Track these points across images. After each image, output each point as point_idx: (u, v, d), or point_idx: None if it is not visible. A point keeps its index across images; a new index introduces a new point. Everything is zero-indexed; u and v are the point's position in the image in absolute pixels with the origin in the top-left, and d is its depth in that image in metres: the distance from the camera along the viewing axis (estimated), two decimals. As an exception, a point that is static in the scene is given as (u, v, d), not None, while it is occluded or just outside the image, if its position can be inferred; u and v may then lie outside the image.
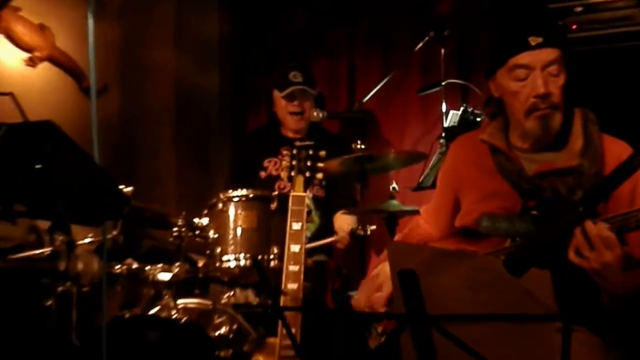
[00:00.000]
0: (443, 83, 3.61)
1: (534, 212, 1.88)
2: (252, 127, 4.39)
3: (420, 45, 3.71)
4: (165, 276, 2.73)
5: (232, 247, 2.88)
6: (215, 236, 2.91)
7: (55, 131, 1.89)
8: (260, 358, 2.50)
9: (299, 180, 2.46)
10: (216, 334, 2.71)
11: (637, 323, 1.87)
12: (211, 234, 2.91)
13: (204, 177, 4.26)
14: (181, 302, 2.76)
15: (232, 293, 2.96)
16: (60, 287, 2.40)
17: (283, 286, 2.29)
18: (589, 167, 1.90)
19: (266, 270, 2.82)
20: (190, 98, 4.24)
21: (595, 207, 1.65)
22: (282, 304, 2.23)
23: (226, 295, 2.96)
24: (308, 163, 2.47)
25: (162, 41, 4.13)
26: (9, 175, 1.96)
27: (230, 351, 2.67)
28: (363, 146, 3.26)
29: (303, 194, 2.43)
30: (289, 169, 2.49)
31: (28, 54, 3.53)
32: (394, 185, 3.15)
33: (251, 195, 2.93)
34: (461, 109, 3.55)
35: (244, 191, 2.93)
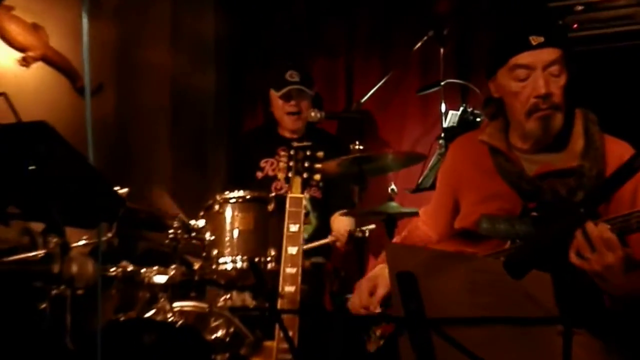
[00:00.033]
0: (442, 83, 3.60)
1: (534, 214, 1.88)
2: (249, 128, 4.39)
3: (419, 44, 3.71)
4: (161, 279, 2.73)
5: (229, 249, 2.88)
6: (211, 238, 2.90)
7: (49, 132, 1.89)
8: (257, 362, 2.50)
9: (297, 181, 2.46)
10: (212, 338, 2.70)
11: (639, 325, 1.87)
12: (207, 236, 2.91)
13: (200, 178, 4.25)
14: (177, 305, 2.75)
15: (229, 296, 2.96)
16: (54, 290, 2.40)
17: (280, 289, 2.28)
18: (590, 168, 1.90)
19: (263, 272, 2.82)
20: (186, 98, 4.23)
21: (596, 209, 1.65)
22: (280, 307, 2.23)
23: (223, 298, 2.95)
24: (305, 164, 2.47)
25: (158, 41, 4.12)
26: (2, 176, 1.96)
27: (226, 355, 2.66)
28: (361, 147, 3.25)
29: (300, 196, 2.43)
30: (286, 170, 2.49)
31: (21, 54, 3.52)
32: (393, 187, 3.15)
33: (248, 196, 2.93)
34: (461, 109, 3.55)
35: (241, 192, 2.93)
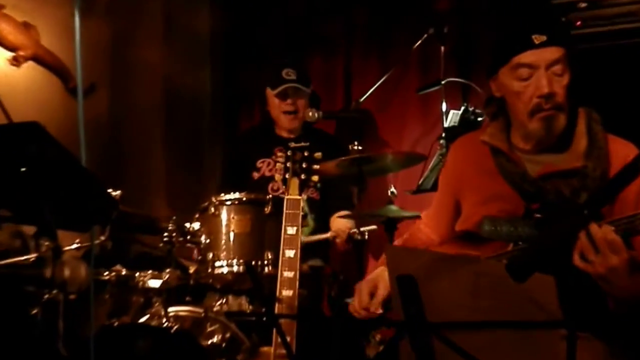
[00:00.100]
0: (443, 82, 3.61)
1: (537, 215, 1.89)
2: (245, 127, 4.39)
3: (419, 42, 3.72)
4: (155, 283, 2.73)
5: (225, 253, 2.88)
6: (207, 241, 2.91)
7: (40, 133, 1.90)
8: (254, 367, 2.51)
9: (294, 182, 2.46)
10: (208, 343, 2.71)
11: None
12: (203, 239, 2.91)
13: (196, 180, 4.26)
14: (172, 310, 2.76)
15: (225, 300, 2.97)
16: (46, 295, 2.40)
17: (278, 293, 2.29)
18: (594, 169, 1.90)
19: (260, 276, 2.82)
20: (180, 97, 4.23)
21: (600, 210, 1.66)
22: (277, 312, 2.24)
23: (219, 302, 2.96)
24: (303, 165, 2.48)
25: (151, 39, 4.12)
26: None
27: (223, 360, 2.67)
28: (360, 147, 3.26)
29: (298, 197, 2.43)
30: (284, 171, 2.50)
31: (12, 53, 3.52)
32: (392, 189, 3.15)
33: (244, 198, 2.93)
34: (462, 109, 3.55)
35: (237, 194, 2.93)
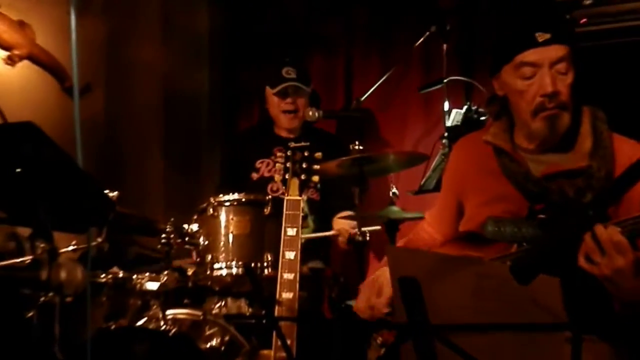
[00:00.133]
0: (445, 80, 3.60)
1: (542, 216, 1.88)
2: (245, 127, 4.39)
3: (421, 40, 3.71)
4: (153, 285, 2.73)
5: (224, 255, 2.88)
6: (205, 243, 2.91)
7: (36, 133, 1.89)
8: (253, 371, 2.51)
9: (294, 183, 2.46)
10: (207, 347, 2.71)
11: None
12: (201, 241, 2.91)
13: (194, 181, 4.26)
14: (170, 313, 2.76)
15: (224, 303, 2.96)
16: (42, 298, 2.40)
17: (277, 295, 2.29)
18: (599, 169, 1.90)
19: (259, 278, 2.82)
20: (178, 97, 4.23)
21: (605, 211, 1.66)
22: (277, 314, 2.24)
23: (217, 305, 2.96)
24: (303, 165, 2.48)
25: (149, 37, 4.12)
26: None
27: (222, 364, 2.67)
28: (361, 147, 3.25)
29: (298, 198, 2.43)
30: (283, 172, 2.49)
31: (7, 52, 3.52)
32: (394, 190, 3.15)
33: (243, 199, 2.93)
34: (465, 108, 3.55)
35: (236, 195, 2.93)
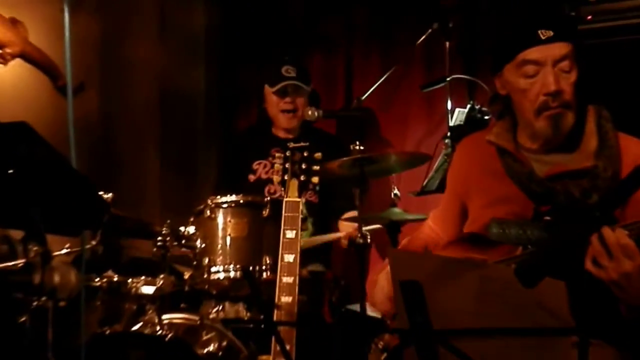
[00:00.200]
0: (448, 79, 3.61)
1: (547, 218, 1.88)
2: (243, 127, 4.39)
3: (423, 38, 3.72)
4: (148, 289, 2.73)
5: (221, 258, 2.88)
6: (202, 246, 2.91)
7: (29, 133, 1.89)
8: (252, 377, 2.51)
9: (293, 184, 2.46)
10: (204, 352, 2.71)
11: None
12: (198, 244, 2.91)
13: (190, 182, 4.26)
14: (166, 318, 2.76)
15: (221, 307, 2.96)
16: (35, 302, 2.39)
17: (276, 299, 2.29)
18: (605, 169, 1.90)
19: (258, 282, 2.82)
20: (174, 96, 4.23)
21: (612, 212, 1.65)
22: (276, 319, 2.24)
23: (215, 309, 2.96)
24: (303, 166, 2.47)
25: (144, 35, 4.12)
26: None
27: (219, 370, 2.67)
28: (362, 147, 3.25)
29: (297, 200, 2.43)
30: (282, 173, 2.49)
31: (-1, 50, 3.53)
32: (396, 191, 3.15)
33: (241, 201, 2.93)
34: (468, 107, 3.55)
35: (234, 197, 2.93)
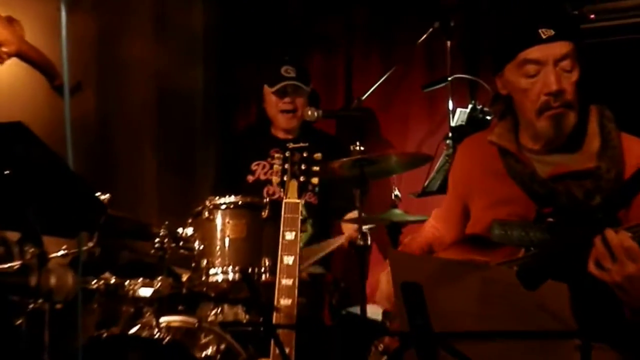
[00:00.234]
0: (449, 78, 3.61)
1: (550, 219, 1.88)
2: (242, 127, 4.39)
3: (424, 37, 3.72)
4: (146, 292, 2.72)
5: (220, 260, 2.88)
6: (200, 247, 2.90)
7: (24, 133, 1.89)
8: (251, 380, 2.50)
9: (293, 185, 2.46)
10: (202, 355, 2.70)
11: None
12: (196, 245, 2.91)
13: (188, 183, 4.25)
14: (164, 320, 2.75)
15: (220, 310, 2.96)
16: (31, 305, 2.39)
17: (275, 302, 2.29)
18: (608, 170, 1.90)
19: (257, 284, 2.81)
20: (172, 96, 4.23)
21: (615, 214, 1.65)
22: (275, 322, 2.23)
23: (213, 312, 2.96)
24: (302, 167, 2.47)
25: (141, 34, 4.12)
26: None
27: (218, 373, 2.67)
28: (362, 148, 3.25)
29: (297, 201, 2.43)
30: (281, 174, 2.49)
31: (-6, 50, 3.53)
32: (397, 192, 3.15)
33: (240, 202, 2.92)
34: (469, 107, 3.55)
35: (232, 198, 2.92)
